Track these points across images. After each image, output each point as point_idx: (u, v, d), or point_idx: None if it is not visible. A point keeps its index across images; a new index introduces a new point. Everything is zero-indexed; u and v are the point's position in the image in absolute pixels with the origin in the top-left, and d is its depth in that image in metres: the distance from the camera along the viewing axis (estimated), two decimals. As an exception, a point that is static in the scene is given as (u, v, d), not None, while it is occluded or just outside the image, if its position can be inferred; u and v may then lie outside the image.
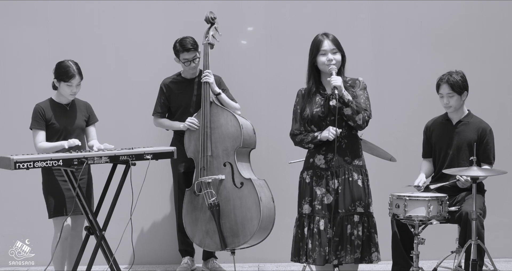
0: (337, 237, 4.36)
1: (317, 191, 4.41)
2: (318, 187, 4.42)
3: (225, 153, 5.32)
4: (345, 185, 4.39)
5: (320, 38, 4.47)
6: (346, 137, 4.43)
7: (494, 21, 6.14)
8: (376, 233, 4.47)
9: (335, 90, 4.30)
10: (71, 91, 4.95)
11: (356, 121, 4.36)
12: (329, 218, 4.37)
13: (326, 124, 4.42)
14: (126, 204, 4.65)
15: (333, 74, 4.37)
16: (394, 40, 6.14)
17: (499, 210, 5.93)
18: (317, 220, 4.39)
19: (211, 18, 5.58)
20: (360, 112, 4.36)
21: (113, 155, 4.58)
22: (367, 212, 4.42)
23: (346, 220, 4.38)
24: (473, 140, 5.01)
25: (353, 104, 4.34)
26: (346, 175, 4.39)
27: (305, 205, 4.45)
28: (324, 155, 4.43)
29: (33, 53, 6.06)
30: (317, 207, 4.40)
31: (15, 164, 4.18)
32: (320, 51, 4.43)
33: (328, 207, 4.38)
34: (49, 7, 6.05)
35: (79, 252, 4.77)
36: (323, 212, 4.38)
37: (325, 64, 4.41)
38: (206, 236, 5.33)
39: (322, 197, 4.40)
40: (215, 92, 5.50)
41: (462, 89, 5.03)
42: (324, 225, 4.37)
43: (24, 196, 5.99)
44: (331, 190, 4.39)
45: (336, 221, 4.37)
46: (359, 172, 4.43)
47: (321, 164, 4.44)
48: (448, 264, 5.28)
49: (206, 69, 5.50)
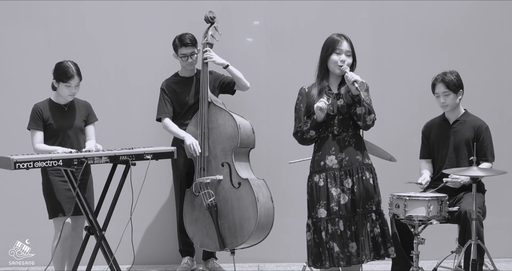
0: (359, 236, 4.36)
1: (333, 192, 4.39)
2: (333, 188, 4.40)
3: (223, 153, 5.32)
4: (360, 184, 4.39)
5: (338, 38, 4.45)
6: (354, 136, 4.44)
7: (494, 21, 6.14)
8: (389, 229, 4.53)
9: (355, 84, 4.27)
10: (69, 92, 4.95)
11: (366, 121, 4.36)
12: (347, 218, 4.37)
13: (334, 123, 4.42)
14: (126, 204, 4.66)
15: (348, 71, 4.36)
16: (394, 40, 6.14)
17: (499, 210, 5.93)
18: (337, 221, 4.37)
19: (211, 17, 5.58)
20: (372, 112, 4.37)
21: (113, 155, 4.59)
22: (378, 209, 4.46)
23: (364, 218, 4.39)
24: (470, 138, 5.03)
25: (366, 104, 4.34)
26: (360, 173, 4.40)
27: (320, 209, 4.40)
28: (334, 155, 4.43)
29: (33, 54, 6.06)
30: (334, 208, 4.37)
31: (15, 164, 4.19)
32: (335, 50, 4.42)
33: (345, 207, 4.38)
34: (48, 7, 6.05)
35: (79, 252, 4.77)
36: (341, 213, 4.37)
37: (336, 64, 4.41)
38: (206, 236, 5.33)
39: (339, 198, 4.38)
40: (223, 64, 5.51)
41: (457, 87, 5.05)
42: (344, 226, 4.37)
43: (24, 196, 5.99)
44: (346, 189, 4.39)
45: (355, 221, 4.37)
46: (370, 171, 4.45)
47: (333, 165, 4.42)
48: (448, 264, 5.28)
49: (205, 69, 5.50)
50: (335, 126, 4.43)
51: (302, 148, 4.67)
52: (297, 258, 5.83)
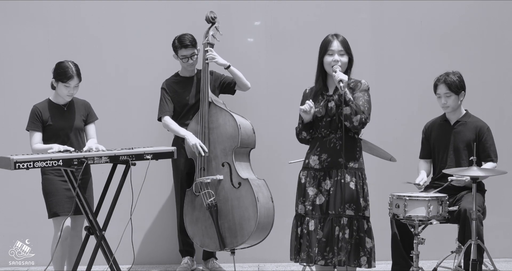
0: (325, 238, 4.37)
1: (310, 192, 4.44)
2: (310, 188, 4.44)
3: (223, 153, 5.32)
4: (337, 187, 4.39)
5: (330, 38, 4.46)
6: (342, 138, 4.38)
7: (494, 21, 6.14)
8: (370, 237, 4.43)
9: (340, 83, 4.29)
10: (68, 92, 4.95)
11: (353, 122, 4.35)
12: (319, 218, 4.39)
13: (322, 125, 4.43)
14: (126, 204, 4.65)
15: (337, 71, 4.36)
16: (394, 40, 6.14)
17: (499, 210, 5.93)
18: (307, 221, 4.42)
19: (212, 17, 5.58)
20: (359, 113, 4.35)
21: (113, 155, 4.58)
22: (357, 215, 4.39)
23: (335, 221, 4.38)
24: (472, 139, 5.02)
25: (353, 104, 4.33)
26: (339, 176, 4.39)
27: (300, 205, 4.49)
28: (318, 155, 4.45)
29: (33, 54, 6.06)
30: (307, 207, 4.43)
31: (15, 164, 4.18)
32: (328, 51, 4.43)
33: (320, 207, 4.40)
34: (49, 7, 6.05)
35: (79, 252, 4.77)
36: (313, 213, 4.40)
37: (329, 65, 4.41)
38: (206, 236, 5.33)
39: (314, 198, 4.42)
40: (225, 65, 5.51)
41: (459, 89, 5.04)
42: (314, 226, 4.39)
43: (24, 196, 5.99)
44: (324, 190, 4.42)
45: (326, 222, 4.38)
46: (352, 174, 4.41)
47: (315, 165, 4.45)
48: (448, 264, 5.28)
49: (205, 69, 5.50)
50: (323, 128, 4.45)
51: (302, 148, 4.68)
52: (297, 258, 5.83)
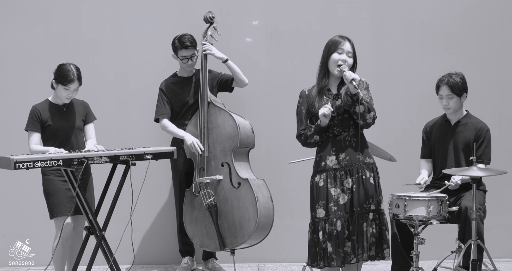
0: (354, 235, 4.38)
1: (332, 192, 4.42)
2: (333, 188, 4.42)
3: (223, 153, 5.32)
4: (359, 183, 4.41)
5: (340, 39, 4.48)
6: (355, 135, 4.44)
7: (495, 22, 6.14)
8: (388, 230, 4.54)
9: (353, 82, 4.29)
10: (67, 95, 4.95)
11: (367, 120, 4.38)
12: (345, 218, 4.39)
13: (334, 124, 4.43)
14: (126, 204, 4.65)
15: (346, 71, 4.37)
16: (394, 40, 6.14)
17: (499, 210, 5.93)
18: (334, 222, 4.39)
19: (210, 17, 5.57)
20: (372, 110, 4.38)
21: (113, 155, 4.58)
22: (378, 209, 4.47)
23: (361, 218, 4.40)
24: (471, 140, 5.02)
25: (365, 102, 4.35)
26: (360, 173, 4.43)
27: (319, 209, 4.43)
28: (335, 155, 4.44)
29: (32, 54, 6.05)
30: (333, 208, 4.40)
31: (15, 164, 4.18)
32: (337, 49, 4.44)
33: (344, 206, 4.40)
34: (48, 7, 6.05)
35: (79, 252, 4.77)
36: (339, 213, 4.39)
37: (335, 63, 4.42)
38: (205, 236, 5.33)
39: (338, 197, 4.41)
40: (222, 58, 5.50)
41: (461, 91, 5.03)
42: (341, 226, 4.38)
43: (24, 196, 5.99)
44: (346, 189, 4.42)
45: (353, 220, 4.39)
46: (370, 170, 4.47)
47: (333, 165, 4.44)
48: (448, 264, 5.28)
49: (205, 69, 5.50)
50: (335, 127, 4.44)
51: (302, 148, 4.67)
52: (297, 258, 5.83)
